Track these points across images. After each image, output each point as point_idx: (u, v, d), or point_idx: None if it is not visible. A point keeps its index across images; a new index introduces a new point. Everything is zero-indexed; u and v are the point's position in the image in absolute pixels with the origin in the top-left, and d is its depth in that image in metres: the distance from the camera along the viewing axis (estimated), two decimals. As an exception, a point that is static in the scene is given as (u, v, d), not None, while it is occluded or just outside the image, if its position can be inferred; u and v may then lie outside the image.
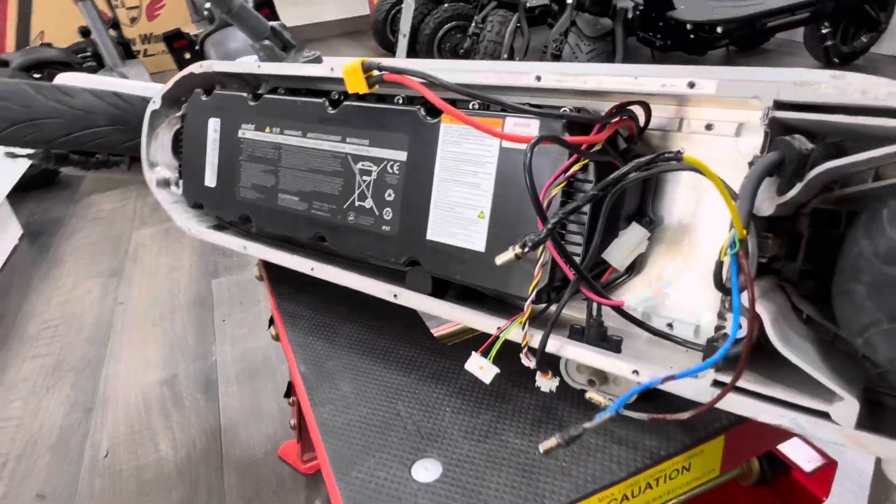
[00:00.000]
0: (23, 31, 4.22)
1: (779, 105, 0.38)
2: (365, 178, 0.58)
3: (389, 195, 0.56)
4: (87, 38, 3.75)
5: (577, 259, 0.46)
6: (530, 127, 0.47)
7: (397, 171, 0.56)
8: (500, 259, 0.41)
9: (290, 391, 1.01)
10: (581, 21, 2.22)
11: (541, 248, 0.45)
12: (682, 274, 0.48)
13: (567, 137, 0.43)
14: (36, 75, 3.38)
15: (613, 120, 0.45)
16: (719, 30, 2.23)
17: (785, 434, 0.54)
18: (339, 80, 0.62)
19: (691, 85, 0.41)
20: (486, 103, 0.50)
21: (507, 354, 0.48)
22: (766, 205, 0.38)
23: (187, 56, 2.86)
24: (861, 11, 2.57)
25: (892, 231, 0.33)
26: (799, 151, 0.35)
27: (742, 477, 0.60)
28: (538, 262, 0.46)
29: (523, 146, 0.48)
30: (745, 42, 2.54)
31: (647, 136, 0.50)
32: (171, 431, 1.20)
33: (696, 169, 0.36)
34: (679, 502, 0.56)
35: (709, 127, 0.47)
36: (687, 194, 0.49)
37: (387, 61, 0.48)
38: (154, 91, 0.92)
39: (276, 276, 0.80)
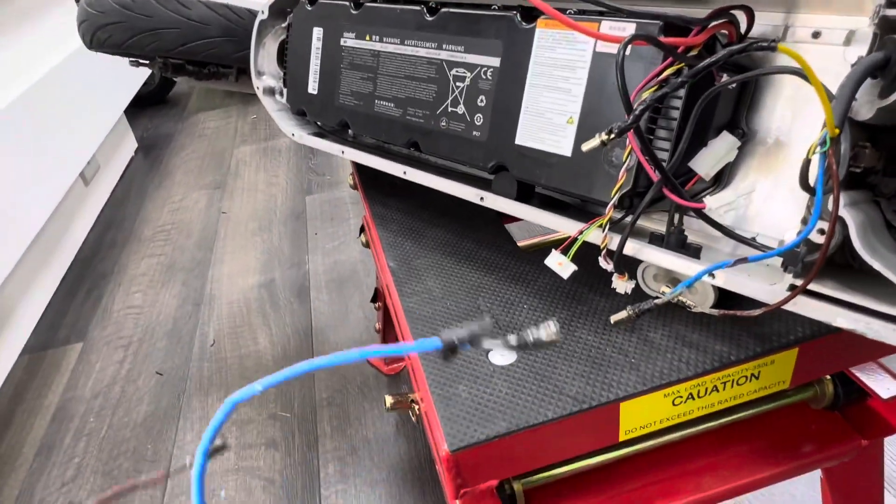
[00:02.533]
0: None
1: (892, 3, 0.36)
2: (458, 84, 0.60)
3: (481, 101, 0.58)
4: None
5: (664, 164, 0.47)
6: (626, 31, 0.47)
7: (490, 78, 0.58)
8: (587, 146, 0.42)
9: (376, 296, 1.08)
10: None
11: (627, 151, 0.47)
12: (770, 189, 0.48)
13: (668, 39, 0.44)
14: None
15: (713, 24, 0.45)
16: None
17: (861, 355, 0.54)
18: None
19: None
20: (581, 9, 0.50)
21: (586, 263, 0.50)
22: (866, 108, 0.37)
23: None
24: None
25: None
26: (906, 51, 0.34)
27: (814, 399, 0.60)
28: (623, 165, 0.47)
29: (616, 51, 0.49)
30: None
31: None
32: (269, 328, 1.32)
33: (795, 72, 0.36)
34: (750, 416, 0.58)
35: (816, 35, 0.46)
36: (783, 107, 0.48)
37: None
38: (260, 3, 0.96)
39: (368, 183, 0.85)
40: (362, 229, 0.98)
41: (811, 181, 0.36)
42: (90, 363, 1.30)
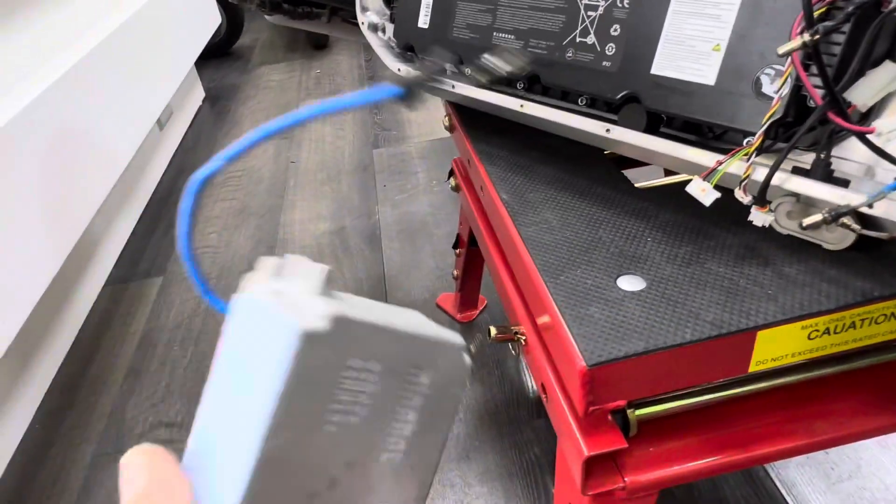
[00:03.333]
0: None
1: None
2: (591, 13, 0.60)
3: (615, 30, 0.58)
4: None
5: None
6: (791, -49, 0.46)
7: (627, 5, 0.57)
8: (784, 48, 0.42)
9: (457, 243, 1.09)
10: None
11: (785, 76, 0.46)
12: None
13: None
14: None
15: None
16: None
17: None
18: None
19: None
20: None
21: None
22: None
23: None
24: None
25: None
26: None
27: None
28: (778, 91, 0.47)
29: (778, -26, 0.47)
30: None
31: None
32: (342, 273, 1.35)
33: None
34: (876, 363, 0.57)
35: None
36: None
37: None
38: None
39: (468, 123, 0.85)
40: (451, 173, 0.99)
41: None
42: (170, 296, 1.35)
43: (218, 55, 2.75)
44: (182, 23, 1.90)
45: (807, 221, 0.40)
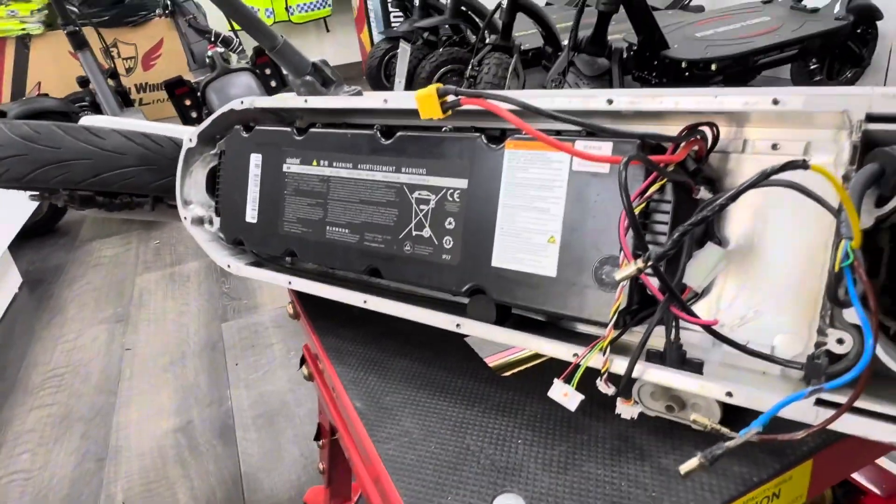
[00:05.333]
0: (19, 82, 4.24)
1: (870, 118, 0.38)
2: (422, 206, 0.58)
3: (450, 223, 0.56)
4: (86, 87, 3.78)
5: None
6: (602, 149, 0.47)
7: (458, 199, 0.55)
8: (621, 274, 0.40)
9: (319, 433, 0.98)
10: (579, 61, 2.27)
11: (622, 269, 0.45)
12: (749, 296, 0.47)
13: (654, 157, 0.43)
14: (33, 125, 3.40)
15: (689, 141, 0.45)
16: (713, 67, 2.29)
17: (871, 455, 0.53)
18: (391, 112, 0.62)
19: (775, 102, 0.41)
20: (559, 130, 0.50)
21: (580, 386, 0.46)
22: (866, 217, 0.38)
23: (188, 102, 2.88)
24: (846, 48, 2.66)
25: None
26: (899, 163, 0.35)
27: (815, 505, 0.58)
28: (619, 284, 0.45)
29: (594, 169, 0.48)
30: (735, 78, 2.61)
31: (710, 158, 0.50)
32: (190, 480, 1.16)
33: (794, 186, 0.36)
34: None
35: (775, 146, 0.47)
36: (752, 215, 0.48)
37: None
38: (181, 131, 0.92)
39: (313, 312, 0.78)
40: (303, 360, 0.90)
41: (842, 296, 0.35)
42: None
43: (40, 233, 2.51)
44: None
45: (684, 469, 0.36)
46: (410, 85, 3.41)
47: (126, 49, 4.53)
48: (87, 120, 1.01)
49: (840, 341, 0.39)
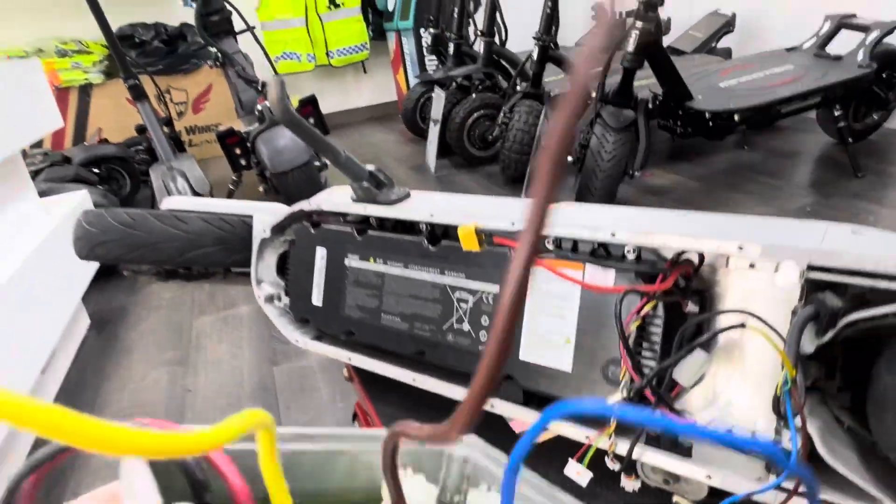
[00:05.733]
0: (80, 127, 4.56)
1: (811, 267, 0.49)
2: (462, 305, 0.70)
3: (485, 321, 0.68)
4: (143, 134, 4.05)
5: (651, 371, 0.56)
6: (608, 275, 0.59)
7: (491, 302, 0.68)
8: (613, 398, 0.52)
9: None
10: (605, 113, 2.39)
11: (623, 371, 0.56)
12: (736, 387, 0.58)
13: (640, 287, 0.55)
14: (95, 170, 3.67)
15: (676, 270, 0.57)
16: (736, 118, 2.38)
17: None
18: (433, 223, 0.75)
19: (740, 248, 0.52)
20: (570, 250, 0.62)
21: (593, 462, 0.58)
22: (808, 346, 0.48)
23: (237, 151, 3.09)
24: (871, 93, 2.72)
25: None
26: (830, 308, 0.46)
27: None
28: (621, 384, 0.57)
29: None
30: (759, 124, 2.69)
31: (701, 270, 0.61)
32: (250, 518, 1.29)
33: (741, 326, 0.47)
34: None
35: (752, 265, 0.58)
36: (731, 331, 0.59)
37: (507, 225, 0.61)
38: (252, 209, 1.06)
39: (365, 376, 0.91)
40: (355, 416, 1.03)
41: (782, 412, 0.46)
42: None
43: (104, 275, 2.71)
44: (62, 266, 1.90)
45: None
46: (444, 127, 3.57)
47: (178, 94, 4.82)
48: (169, 202, 1.17)
49: (790, 440, 0.49)
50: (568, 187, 3.00)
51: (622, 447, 0.57)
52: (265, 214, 1.06)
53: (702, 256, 0.59)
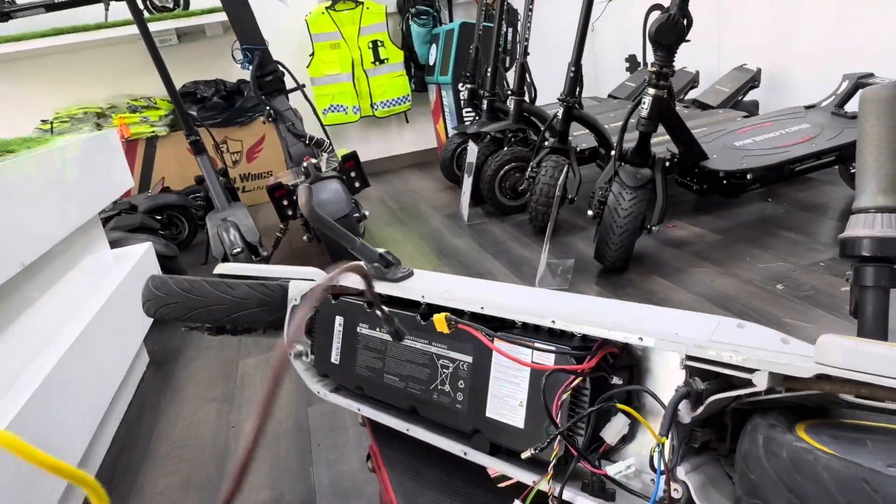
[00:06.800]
0: (146, 176, 4.97)
1: (689, 357, 0.65)
2: (444, 370, 0.87)
3: (461, 384, 0.85)
4: (201, 184, 4.41)
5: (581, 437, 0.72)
6: (548, 356, 0.75)
7: (466, 369, 0.85)
8: (525, 455, 0.68)
9: (380, 513, 1.26)
10: (623, 172, 2.54)
11: (556, 440, 0.72)
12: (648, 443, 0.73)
13: (567, 367, 0.71)
14: (157, 216, 4.01)
15: (600, 352, 0.73)
16: (749, 177, 2.50)
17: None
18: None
19: (640, 339, 0.68)
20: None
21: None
22: (686, 416, 0.64)
23: (285, 203, 3.36)
24: (888, 150, 2.79)
25: (748, 440, 0.58)
26: (696, 390, 0.61)
27: None
28: (555, 443, 0.73)
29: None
30: (772, 182, 2.79)
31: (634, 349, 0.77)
32: (281, 544, 1.46)
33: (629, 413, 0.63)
34: None
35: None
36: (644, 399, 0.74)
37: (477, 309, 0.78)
38: (289, 274, 1.26)
39: (376, 425, 1.08)
40: (369, 457, 1.20)
41: (655, 466, 0.61)
42: (114, 589, 1.41)
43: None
44: (133, 312, 2.15)
45: None
46: (478, 177, 3.78)
47: (234, 144, 5.21)
48: (220, 268, 1.39)
49: (675, 490, 0.64)
50: (588, 239, 3.14)
51: (558, 490, 0.73)
52: (299, 281, 1.26)
53: (624, 346, 0.74)
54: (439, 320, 0.78)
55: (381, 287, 0.98)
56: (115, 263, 2.43)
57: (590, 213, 2.72)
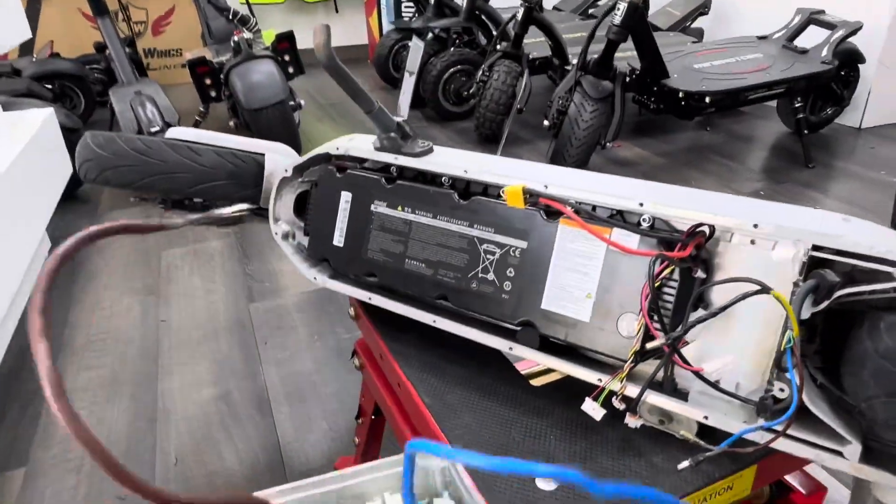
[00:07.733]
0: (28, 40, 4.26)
1: (815, 247, 0.58)
2: (489, 256, 0.76)
3: (510, 272, 0.75)
4: (101, 52, 3.84)
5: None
6: (631, 238, 0.66)
7: (518, 256, 0.74)
8: (651, 345, 0.59)
9: (360, 413, 1.17)
10: (585, 82, 2.45)
11: (639, 326, 0.64)
12: (731, 344, 0.67)
13: (667, 253, 0.63)
14: (48, 85, 3.47)
15: (692, 239, 0.64)
16: (707, 100, 2.49)
17: (797, 464, 0.73)
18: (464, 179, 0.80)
19: (755, 225, 0.60)
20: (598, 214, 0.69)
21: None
22: (805, 312, 0.57)
23: (208, 82, 3.00)
24: (829, 89, 2.89)
25: (888, 338, 0.53)
26: (830, 282, 0.55)
27: (756, 497, 0.79)
28: (635, 337, 0.65)
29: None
30: (727, 108, 2.82)
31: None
32: (234, 443, 1.34)
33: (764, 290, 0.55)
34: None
35: (752, 242, 0.67)
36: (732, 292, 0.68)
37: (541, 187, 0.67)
38: (263, 148, 1.08)
39: (374, 317, 0.96)
40: (354, 353, 1.09)
41: (783, 364, 0.55)
42: (38, 490, 1.25)
43: (64, 200, 2.62)
44: (26, 191, 1.84)
45: (681, 467, 0.56)
46: (419, 79, 3.56)
47: (137, 13, 4.58)
48: (175, 132, 1.17)
49: (781, 390, 0.59)
50: (542, 151, 3.07)
51: (630, 389, 0.66)
52: (278, 154, 1.08)
53: (713, 230, 0.66)
54: (514, 193, 0.66)
55: (405, 161, 0.84)
56: (9, 130, 2.05)
57: (545, 123, 2.63)
